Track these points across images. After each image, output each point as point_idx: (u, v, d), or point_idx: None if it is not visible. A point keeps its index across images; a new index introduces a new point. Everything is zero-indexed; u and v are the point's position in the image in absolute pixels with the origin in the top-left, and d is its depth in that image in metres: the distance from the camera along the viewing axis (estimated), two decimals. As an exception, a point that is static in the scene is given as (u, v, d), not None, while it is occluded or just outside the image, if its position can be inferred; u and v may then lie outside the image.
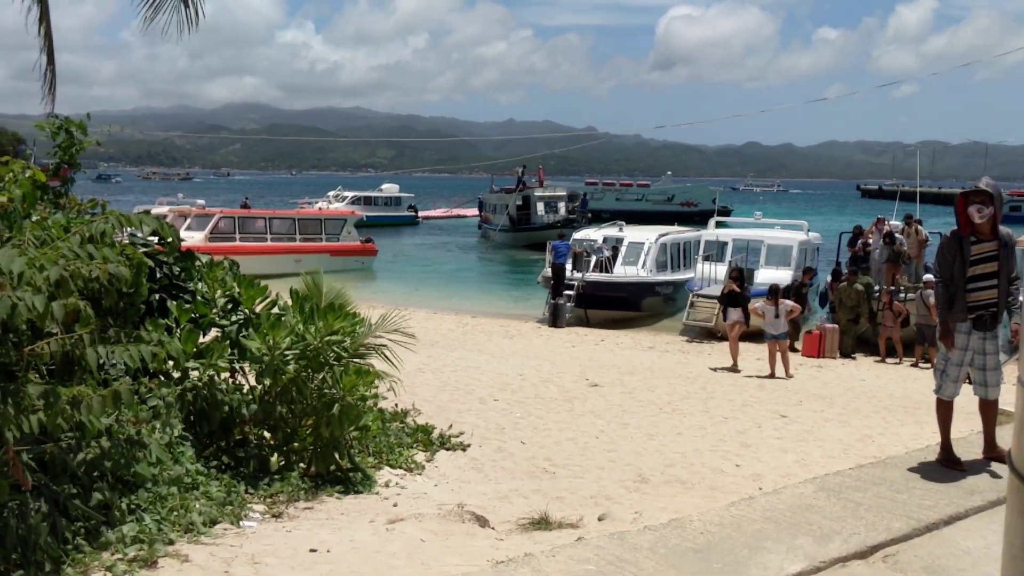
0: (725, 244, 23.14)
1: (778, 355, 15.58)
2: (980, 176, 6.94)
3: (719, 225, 25.41)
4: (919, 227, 21.39)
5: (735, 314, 16.76)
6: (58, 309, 4.13)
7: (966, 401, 6.92)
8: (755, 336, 18.47)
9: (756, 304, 16.75)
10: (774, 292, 16.26)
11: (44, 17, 8.82)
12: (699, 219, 41.90)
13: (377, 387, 8.30)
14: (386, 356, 7.71)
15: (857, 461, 8.43)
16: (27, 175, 5.74)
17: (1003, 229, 6.40)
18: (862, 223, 23.91)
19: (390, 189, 72.23)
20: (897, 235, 20.67)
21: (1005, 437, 6.58)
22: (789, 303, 16.33)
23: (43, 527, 4.69)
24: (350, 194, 65.64)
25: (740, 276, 17.87)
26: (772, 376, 15.29)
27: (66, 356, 4.69)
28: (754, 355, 17.34)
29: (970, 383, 6.69)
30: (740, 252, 22.66)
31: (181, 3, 8.38)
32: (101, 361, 4.64)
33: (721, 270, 21.63)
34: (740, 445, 10.28)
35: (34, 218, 5.61)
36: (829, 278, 20.73)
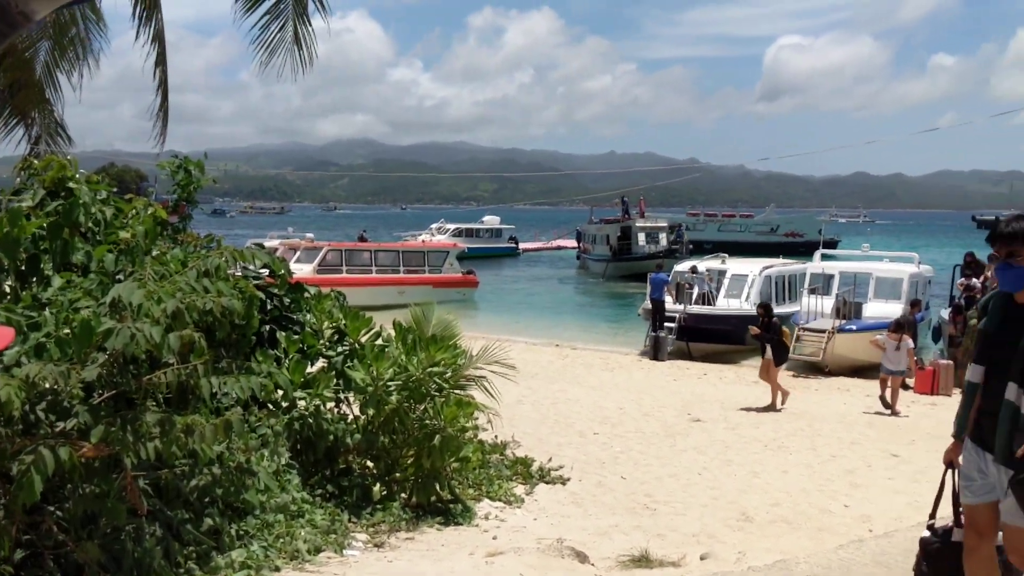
0: (832, 277, 22.51)
1: (887, 390, 15.03)
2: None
3: (825, 257, 24.72)
4: None
5: (767, 351, 15.56)
6: (174, 340, 4.32)
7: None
8: (866, 371, 17.85)
9: (878, 336, 16.19)
10: (899, 326, 15.74)
11: (160, 61, 9.28)
12: (804, 250, 40.90)
13: (477, 419, 8.36)
14: (486, 388, 7.77)
15: (976, 505, 8.00)
16: (149, 212, 6.04)
17: None
18: (975, 254, 22.88)
19: (491, 221, 73.08)
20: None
21: None
22: (911, 341, 15.72)
23: (157, 551, 4.87)
24: (452, 226, 66.64)
25: (763, 313, 16.04)
26: (896, 413, 14.68)
27: (181, 386, 4.88)
28: (863, 391, 16.75)
29: None
30: (847, 285, 21.99)
31: (295, 46, 8.71)
32: (214, 391, 4.81)
33: (827, 303, 21.04)
34: (849, 485, 9.92)
35: (154, 253, 5.89)
36: (947, 312, 19.90)
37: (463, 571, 5.97)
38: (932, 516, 4.38)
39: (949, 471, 4.24)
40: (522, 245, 73.05)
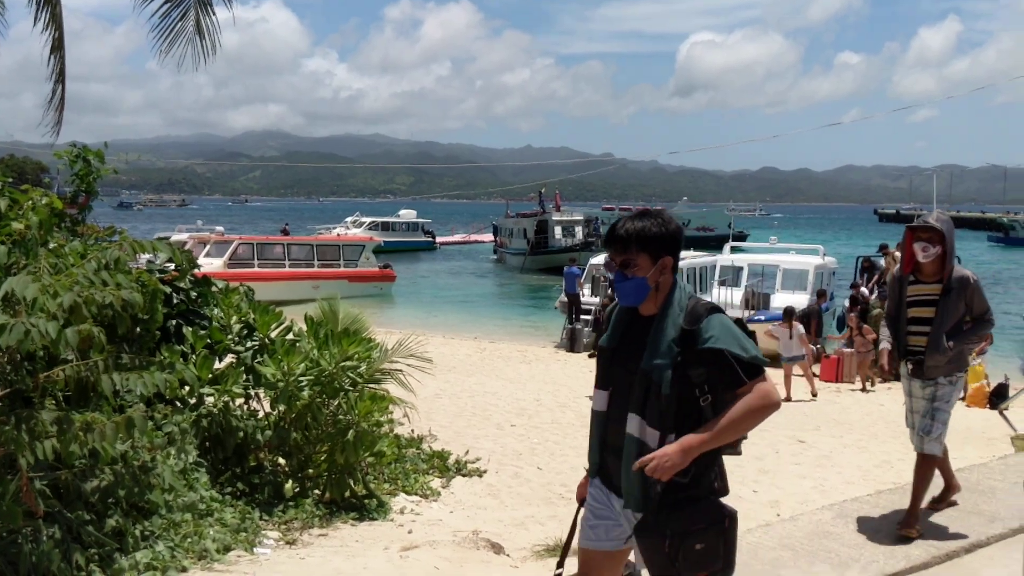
0: (740, 269, 23.08)
1: (795, 378, 15.49)
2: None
3: (734, 250, 25.33)
4: (897, 254, 21.66)
5: None
6: (72, 335, 4.15)
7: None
8: (776, 361, 18.31)
9: (770, 326, 16.67)
10: (789, 314, 16.21)
11: (57, 48, 8.92)
12: (715, 244, 41.88)
13: (392, 413, 8.29)
14: (402, 381, 7.71)
15: (876, 487, 8.31)
16: (44, 203, 5.80)
17: (959, 271, 5.73)
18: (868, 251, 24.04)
19: (408, 215, 72.70)
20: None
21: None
22: (801, 328, 16.23)
23: (55, 553, 4.69)
24: (368, 220, 66.05)
25: (609, 302, 16.81)
26: (788, 399, 15.16)
27: (81, 383, 4.71)
28: (772, 380, 17.21)
29: None
30: (756, 277, 22.57)
31: (196, 36, 8.44)
32: (116, 388, 4.65)
33: (737, 295, 21.54)
34: (757, 471, 10.18)
35: (51, 246, 5.66)
36: (847, 303, 20.59)
37: (377, 566, 5.92)
38: (560, 564, 3.60)
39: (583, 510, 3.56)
40: (439, 239, 72.86)
